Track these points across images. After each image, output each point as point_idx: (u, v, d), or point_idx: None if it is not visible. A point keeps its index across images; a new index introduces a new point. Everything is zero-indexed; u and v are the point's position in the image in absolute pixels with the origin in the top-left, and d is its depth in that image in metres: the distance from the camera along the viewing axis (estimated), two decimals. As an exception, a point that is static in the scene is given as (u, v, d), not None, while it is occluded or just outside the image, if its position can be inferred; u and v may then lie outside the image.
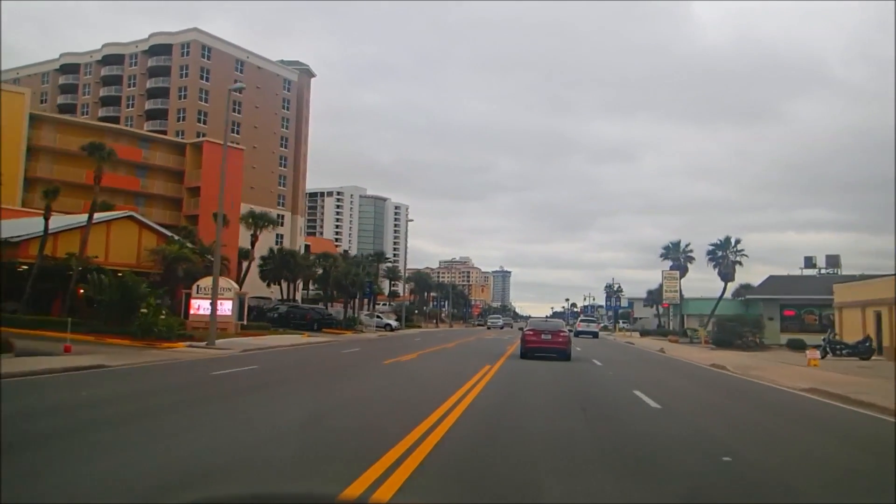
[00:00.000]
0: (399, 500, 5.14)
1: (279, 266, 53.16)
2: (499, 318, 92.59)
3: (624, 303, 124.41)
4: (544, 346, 24.00)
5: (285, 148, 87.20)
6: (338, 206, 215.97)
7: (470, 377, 15.87)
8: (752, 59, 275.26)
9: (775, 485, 6.44)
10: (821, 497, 6.08)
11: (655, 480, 6.35)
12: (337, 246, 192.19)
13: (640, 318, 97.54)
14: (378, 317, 58.39)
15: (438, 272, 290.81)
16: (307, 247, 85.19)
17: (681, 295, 56.18)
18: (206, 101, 77.23)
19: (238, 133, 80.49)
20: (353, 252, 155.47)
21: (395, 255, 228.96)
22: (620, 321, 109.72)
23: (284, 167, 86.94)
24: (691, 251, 58.77)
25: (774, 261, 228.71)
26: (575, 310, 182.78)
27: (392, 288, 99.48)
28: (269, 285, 54.76)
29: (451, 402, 10.92)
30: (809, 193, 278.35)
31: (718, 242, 53.45)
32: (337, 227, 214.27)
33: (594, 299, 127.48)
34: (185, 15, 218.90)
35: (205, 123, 76.28)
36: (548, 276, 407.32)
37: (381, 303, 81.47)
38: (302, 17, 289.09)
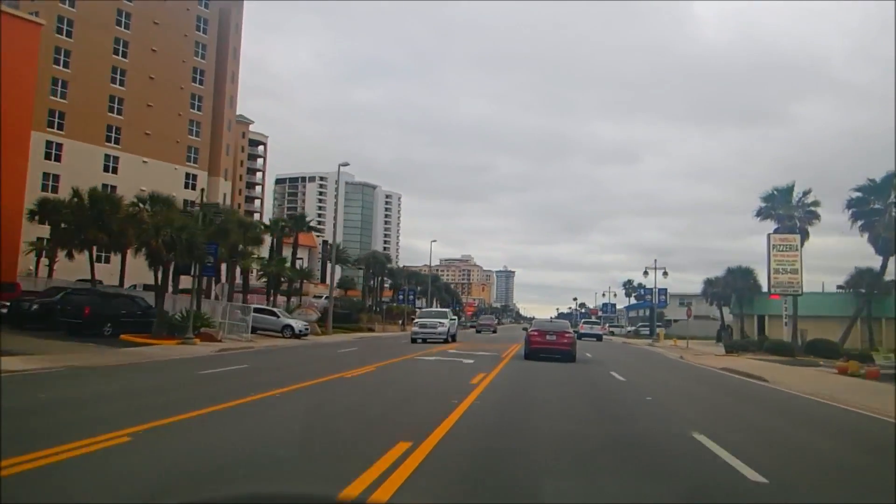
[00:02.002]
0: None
1: (86, 221, 29.64)
2: (443, 318, 36.77)
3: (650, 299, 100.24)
4: (549, 346, 22.30)
5: (200, 84, 63.67)
6: (320, 194, 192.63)
7: None
8: (754, 59, 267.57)
9: None
10: None
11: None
12: (318, 236, 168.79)
13: (677, 321, 75.09)
14: (272, 314, 34.70)
15: (437, 269, 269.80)
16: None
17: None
18: (68, 37, 53.73)
19: (125, 56, 57.17)
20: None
21: (385, 249, 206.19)
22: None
23: (198, 110, 63.45)
24: (814, 204, 34.47)
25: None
26: (584, 310, 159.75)
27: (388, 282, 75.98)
28: (70, 256, 31.12)
29: None
30: (812, 196, 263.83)
31: (871, 184, 29.90)
32: (320, 216, 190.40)
33: (615, 296, 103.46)
34: None
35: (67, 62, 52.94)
36: (551, 277, 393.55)
37: (324, 295, 57.94)
38: (294, 12, 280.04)
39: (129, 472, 5.67)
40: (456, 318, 49.16)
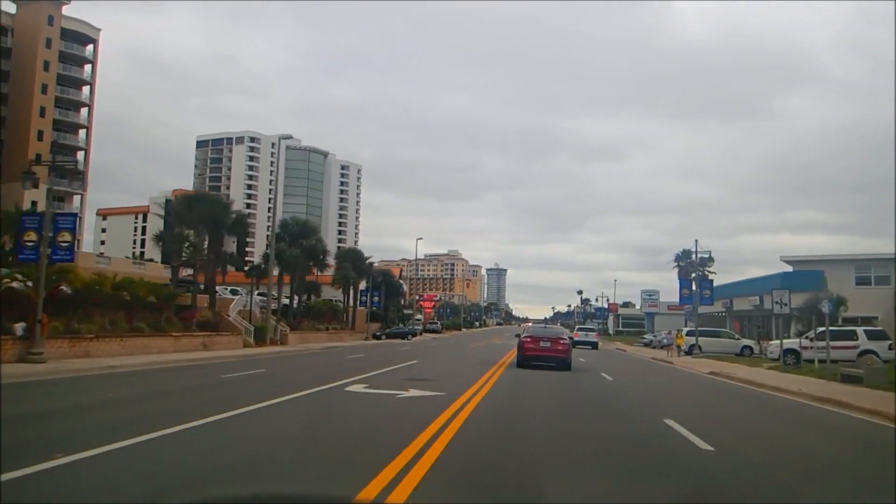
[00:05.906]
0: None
1: None
2: None
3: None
4: (543, 354, 22.38)
5: None
6: (251, 159, 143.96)
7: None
8: (739, 53, 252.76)
9: None
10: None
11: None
12: (248, 207, 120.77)
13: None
14: None
15: (417, 264, 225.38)
16: None
17: None
18: None
19: None
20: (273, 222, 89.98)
21: (341, 230, 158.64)
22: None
23: None
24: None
25: (769, 264, 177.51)
26: (589, 308, 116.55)
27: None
28: None
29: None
30: (802, 194, 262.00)
31: None
32: (249, 185, 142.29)
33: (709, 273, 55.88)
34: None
35: None
36: (542, 277, 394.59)
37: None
38: (266, 3, 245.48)
39: None
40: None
